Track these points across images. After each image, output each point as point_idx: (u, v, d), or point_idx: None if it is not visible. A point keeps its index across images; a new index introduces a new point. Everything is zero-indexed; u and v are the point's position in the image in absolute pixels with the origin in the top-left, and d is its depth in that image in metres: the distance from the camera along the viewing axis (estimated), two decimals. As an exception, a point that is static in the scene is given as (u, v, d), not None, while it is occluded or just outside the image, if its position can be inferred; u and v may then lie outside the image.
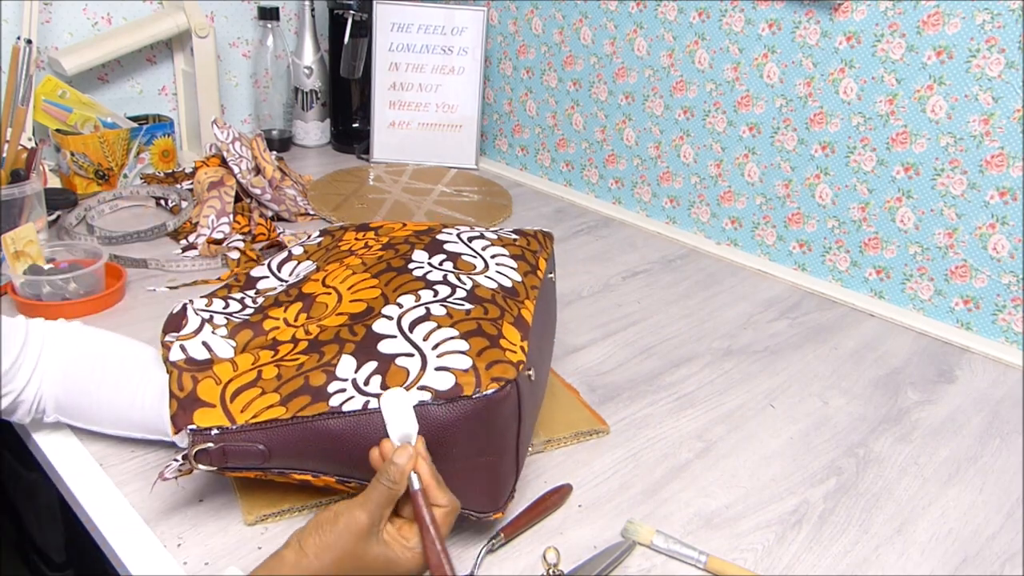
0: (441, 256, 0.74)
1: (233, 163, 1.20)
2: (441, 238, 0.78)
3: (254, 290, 0.77)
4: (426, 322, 0.64)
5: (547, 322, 0.77)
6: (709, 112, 1.24)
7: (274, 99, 1.54)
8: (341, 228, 0.84)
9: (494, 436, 0.60)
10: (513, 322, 0.66)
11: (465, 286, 0.69)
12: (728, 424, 0.82)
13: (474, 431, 0.59)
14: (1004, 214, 0.99)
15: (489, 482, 0.62)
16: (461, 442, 0.59)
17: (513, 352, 0.62)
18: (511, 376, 0.59)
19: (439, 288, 0.68)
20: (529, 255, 0.78)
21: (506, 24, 1.50)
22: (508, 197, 1.40)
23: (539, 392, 0.71)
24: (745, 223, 1.24)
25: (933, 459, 0.80)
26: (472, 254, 0.75)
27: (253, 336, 0.67)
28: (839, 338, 1.02)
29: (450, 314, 0.64)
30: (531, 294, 0.71)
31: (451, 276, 0.71)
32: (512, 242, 0.79)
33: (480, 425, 0.59)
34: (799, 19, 1.10)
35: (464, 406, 0.58)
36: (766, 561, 0.65)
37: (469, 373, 0.59)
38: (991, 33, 0.95)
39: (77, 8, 1.31)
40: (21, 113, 1.06)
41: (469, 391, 0.58)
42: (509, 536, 0.65)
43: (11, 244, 0.88)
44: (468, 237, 0.78)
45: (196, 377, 0.62)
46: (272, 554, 0.53)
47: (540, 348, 0.71)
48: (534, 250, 0.79)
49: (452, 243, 0.77)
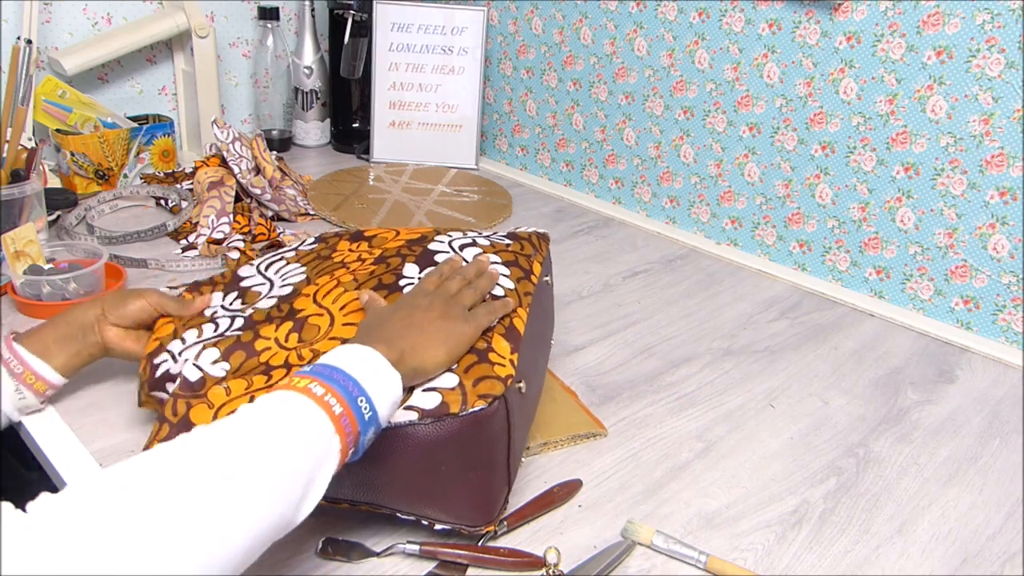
0: (429, 270, 0.73)
1: (233, 163, 1.20)
2: (432, 247, 0.77)
3: (237, 291, 0.76)
4: None
5: (542, 327, 0.77)
6: (709, 112, 1.24)
7: (274, 99, 1.54)
8: (336, 236, 0.84)
9: (482, 452, 0.60)
10: (504, 334, 0.65)
11: None
12: (728, 424, 0.82)
13: (462, 448, 0.59)
14: (1004, 214, 0.99)
15: (480, 496, 0.61)
16: (449, 459, 0.59)
17: (502, 366, 0.61)
18: (498, 392, 0.59)
19: None
20: (522, 260, 0.77)
21: (506, 24, 1.50)
22: (508, 197, 1.40)
23: (531, 402, 0.71)
24: (745, 223, 1.24)
25: (933, 459, 0.80)
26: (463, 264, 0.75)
27: (246, 358, 0.65)
28: (839, 338, 1.02)
29: None
30: (524, 301, 0.71)
31: None
32: (504, 248, 0.78)
33: (467, 442, 0.58)
34: (799, 19, 1.10)
35: (450, 424, 0.57)
36: (766, 561, 0.65)
37: (455, 391, 0.59)
38: (991, 33, 0.95)
39: (77, 8, 1.31)
40: (21, 113, 1.06)
41: (455, 409, 0.58)
42: (513, 525, 0.65)
43: (11, 244, 0.88)
44: (460, 245, 0.77)
45: (190, 403, 0.61)
46: None
47: (534, 356, 0.71)
48: (528, 254, 0.78)
49: (443, 253, 0.76)
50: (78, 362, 0.73)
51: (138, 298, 0.74)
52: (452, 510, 0.61)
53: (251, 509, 0.44)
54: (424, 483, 0.60)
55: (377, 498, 0.62)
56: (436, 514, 0.62)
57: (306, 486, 0.47)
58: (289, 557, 0.61)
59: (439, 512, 0.61)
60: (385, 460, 0.58)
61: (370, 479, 0.60)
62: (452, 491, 0.60)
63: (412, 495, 0.61)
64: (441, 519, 0.62)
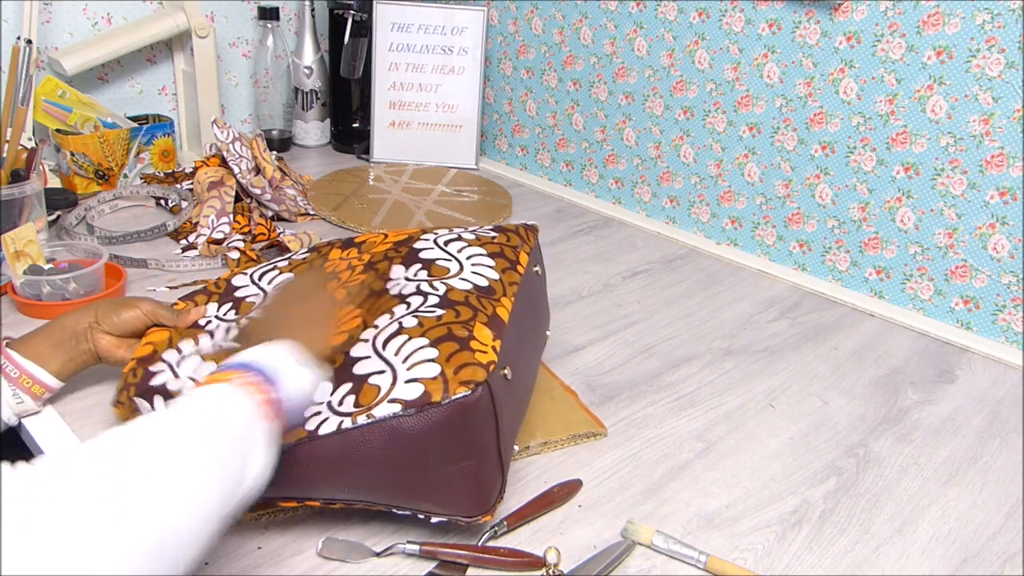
0: (416, 266, 0.74)
1: (233, 163, 1.20)
2: (418, 246, 0.77)
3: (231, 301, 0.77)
4: (398, 336, 0.64)
5: (531, 316, 0.77)
6: (709, 112, 1.24)
7: (274, 99, 1.54)
8: (328, 244, 0.84)
9: (470, 440, 0.60)
10: (487, 322, 0.65)
11: (438, 292, 0.69)
12: (728, 424, 0.82)
13: (448, 437, 0.59)
14: (1004, 214, 0.99)
15: (473, 486, 0.61)
16: (436, 450, 0.59)
17: (483, 353, 0.62)
18: (480, 378, 0.59)
19: (412, 300, 0.68)
20: (508, 251, 0.77)
21: (506, 24, 1.50)
22: (508, 197, 1.40)
23: (521, 389, 0.71)
24: (745, 223, 1.24)
25: (933, 459, 0.80)
26: (447, 258, 0.75)
27: None
28: (839, 338, 1.02)
29: (421, 323, 0.64)
30: (509, 291, 0.71)
31: (424, 285, 0.71)
32: (490, 240, 0.78)
33: (453, 430, 0.59)
34: (799, 19, 1.10)
35: (434, 413, 0.58)
36: (766, 561, 0.65)
37: (437, 380, 0.59)
38: (991, 33, 0.95)
39: (77, 8, 1.31)
40: (21, 113, 1.06)
41: (437, 397, 0.58)
42: (513, 525, 0.65)
43: (11, 244, 0.88)
44: (444, 241, 0.78)
45: None
46: None
47: (521, 344, 0.71)
48: (514, 245, 0.78)
49: (428, 250, 0.76)
50: (72, 367, 0.73)
51: (132, 307, 0.74)
52: (447, 502, 0.61)
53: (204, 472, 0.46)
54: (415, 476, 0.60)
55: (371, 496, 0.62)
56: (431, 507, 0.62)
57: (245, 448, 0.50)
58: (289, 557, 0.62)
59: (434, 505, 0.61)
60: (374, 456, 0.58)
61: (361, 477, 0.60)
62: (444, 482, 0.60)
63: (405, 489, 0.61)
64: (437, 511, 0.62)
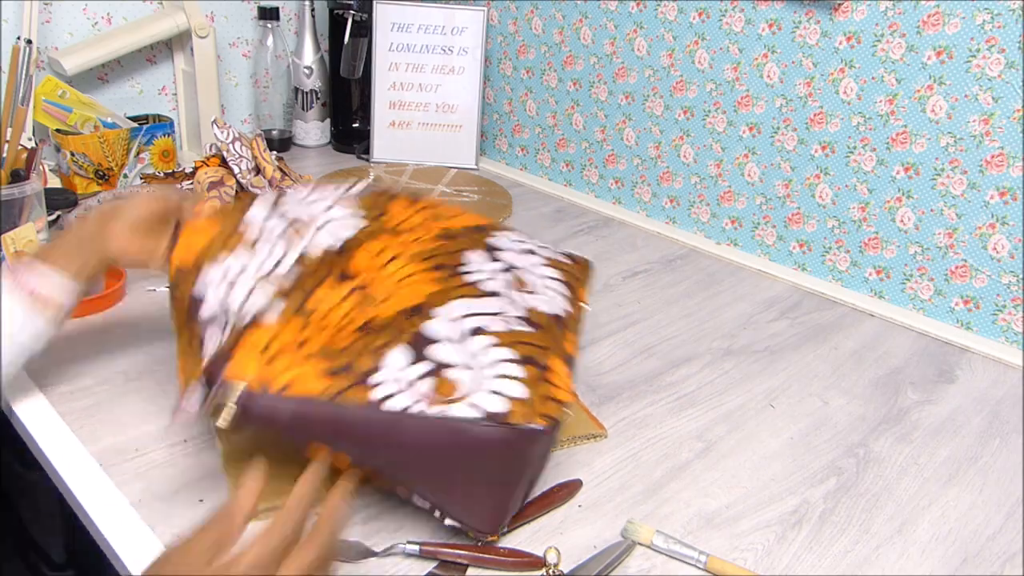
0: (497, 265, 0.70)
1: (233, 163, 1.20)
2: (494, 243, 0.73)
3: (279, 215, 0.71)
4: (482, 336, 0.62)
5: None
6: (709, 112, 1.24)
7: (274, 99, 1.54)
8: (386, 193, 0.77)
9: (518, 467, 0.60)
10: (562, 356, 0.63)
11: (523, 305, 0.66)
12: (728, 424, 0.82)
13: (504, 457, 0.58)
14: (1004, 214, 0.99)
15: (496, 506, 0.61)
16: (487, 465, 0.58)
17: (560, 390, 0.60)
18: (559, 416, 0.58)
19: (495, 301, 0.65)
20: (576, 284, 0.74)
21: (506, 24, 1.50)
22: (508, 197, 1.40)
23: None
24: (745, 223, 1.24)
25: (933, 459, 0.80)
26: (527, 270, 0.72)
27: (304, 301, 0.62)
28: (839, 338, 1.02)
29: (508, 332, 0.62)
30: (575, 327, 0.69)
31: (507, 290, 0.67)
32: (562, 264, 0.75)
33: (513, 454, 0.58)
34: (799, 19, 1.10)
35: (506, 432, 0.56)
36: (766, 561, 0.65)
37: (524, 403, 0.57)
38: (991, 33, 0.95)
39: (77, 8, 1.30)
40: (21, 113, 1.06)
41: (518, 420, 0.56)
42: (513, 525, 0.65)
43: (11, 244, 0.89)
44: (521, 250, 0.74)
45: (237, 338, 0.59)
46: None
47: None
48: (579, 278, 0.75)
49: (507, 252, 0.73)
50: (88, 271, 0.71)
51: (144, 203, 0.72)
52: (469, 511, 0.61)
53: None
54: (453, 477, 0.60)
55: (402, 474, 0.61)
56: (453, 508, 0.61)
57: None
58: (289, 557, 0.61)
59: (453, 508, 0.61)
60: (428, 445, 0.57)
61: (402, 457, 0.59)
62: (476, 493, 0.60)
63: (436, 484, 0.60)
64: (455, 514, 0.62)
